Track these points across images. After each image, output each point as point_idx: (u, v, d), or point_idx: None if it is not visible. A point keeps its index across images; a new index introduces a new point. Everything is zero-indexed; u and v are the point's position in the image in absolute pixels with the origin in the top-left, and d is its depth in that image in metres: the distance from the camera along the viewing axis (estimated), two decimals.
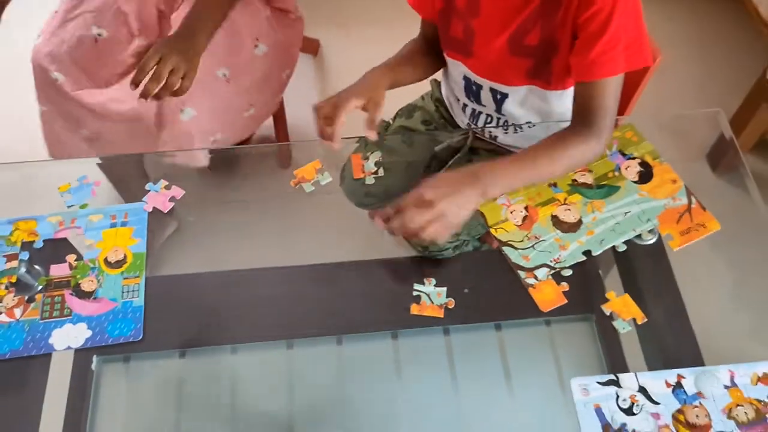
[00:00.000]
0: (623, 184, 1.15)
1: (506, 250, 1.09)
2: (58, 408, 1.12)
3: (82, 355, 1.05)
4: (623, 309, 1.04)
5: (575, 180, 1.16)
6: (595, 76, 1.05)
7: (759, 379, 0.98)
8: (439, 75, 1.44)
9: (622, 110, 1.32)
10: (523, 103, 1.23)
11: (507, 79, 1.19)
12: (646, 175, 1.16)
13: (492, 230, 1.11)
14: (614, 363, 1.08)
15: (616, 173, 1.16)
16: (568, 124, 1.24)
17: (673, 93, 2.12)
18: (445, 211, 0.99)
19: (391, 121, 1.46)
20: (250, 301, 1.16)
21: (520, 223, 1.12)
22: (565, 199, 1.14)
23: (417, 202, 0.98)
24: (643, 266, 1.14)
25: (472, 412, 1.11)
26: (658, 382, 0.98)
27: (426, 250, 1.26)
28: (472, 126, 1.34)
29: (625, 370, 1.07)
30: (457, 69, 1.24)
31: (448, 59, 1.25)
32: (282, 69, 1.66)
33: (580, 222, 1.12)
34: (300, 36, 1.70)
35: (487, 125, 1.31)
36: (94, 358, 1.06)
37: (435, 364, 1.16)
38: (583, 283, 1.10)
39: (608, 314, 1.05)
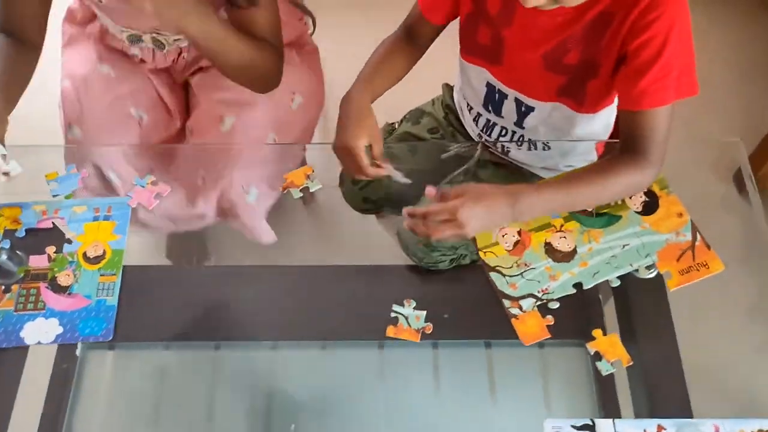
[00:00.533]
0: (625, 213, 1.09)
1: (493, 276, 1.05)
2: (37, 394, 1.12)
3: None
4: (609, 349, 0.99)
5: None
6: (644, 106, 0.99)
7: None
8: (452, 80, 1.39)
9: None
10: (546, 120, 1.17)
11: (536, 92, 1.13)
12: (651, 205, 1.10)
13: (480, 253, 1.07)
14: (604, 394, 1.04)
15: (619, 202, 1.10)
16: (586, 143, 1.20)
17: (704, 107, 2.01)
18: (473, 229, 0.98)
19: (396, 125, 1.41)
20: (236, 299, 1.14)
21: (511, 248, 1.07)
22: (562, 226, 1.08)
23: (448, 214, 0.97)
24: (640, 302, 1.08)
25: (452, 430, 1.08)
26: (636, 431, 0.93)
27: (421, 261, 1.22)
28: (485, 138, 1.28)
29: (615, 403, 1.03)
30: (480, 76, 1.18)
31: (468, 65, 1.19)
32: (317, 112, 1.47)
33: (574, 252, 1.06)
34: (320, 69, 1.50)
35: (501, 138, 1.25)
36: (79, 344, 1.05)
37: (419, 378, 1.13)
38: (582, 307, 1.05)
39: (592, 353, 0.99)
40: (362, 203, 1.38)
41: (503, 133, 1.24)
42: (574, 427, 0.94)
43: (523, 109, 1.17)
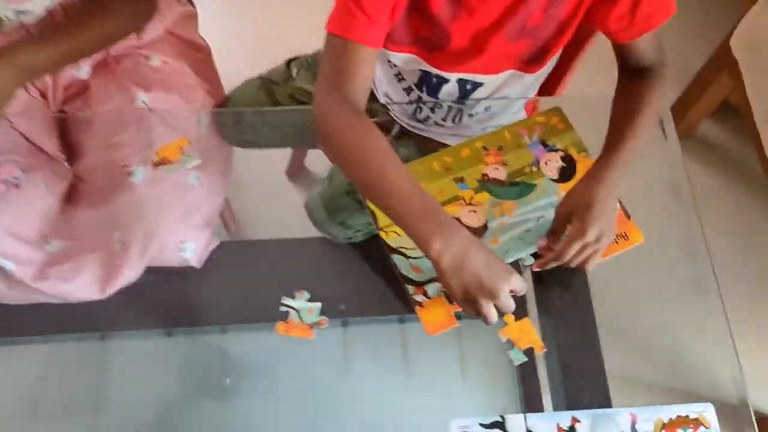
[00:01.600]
0: (540, 181, 1.00)
1: (395, 258, 0.94)
2: None
3: None
4: (521, 335, 0.91)
5: (486, 175, 1.00)
6: (654, 26, 0.94)
7: (664, 426, 0.86)
8: None
9: (551, 90, 1.16)
10: (495, 90, 1.04)
11: (488, 67, 0.99)
12: (568, 171, 1.01)
13: (382, 233, 0.96)
14: (526, 382, 0.98)
15: (534, 168, 1.01)
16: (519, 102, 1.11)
17: None
18: (608, 237, 0.92)
19: (295, 71, 1.23)
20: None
21: None
22: (471, 198, 0.98)
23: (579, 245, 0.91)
24: (556, 282, 1.00)
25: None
26: (549, 424, 0.86)
27: (336, 238, 1.11)
28: (392, 108, 1.14)
29: (537, 392, 0.97)
30: (412, 63, 1.02)
31: (396, 54, 1.00)
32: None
33: (485, 227, 0.97)
34: (216, 71, 1.24)
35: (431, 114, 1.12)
36: None
37: (324, 357, 1.04)
38: None
39: (504, 341, 0.91)
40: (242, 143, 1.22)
41: (438, 107, 1.11)
42: (482, 425, 0.86)
43: (468, 87, 1.03)
